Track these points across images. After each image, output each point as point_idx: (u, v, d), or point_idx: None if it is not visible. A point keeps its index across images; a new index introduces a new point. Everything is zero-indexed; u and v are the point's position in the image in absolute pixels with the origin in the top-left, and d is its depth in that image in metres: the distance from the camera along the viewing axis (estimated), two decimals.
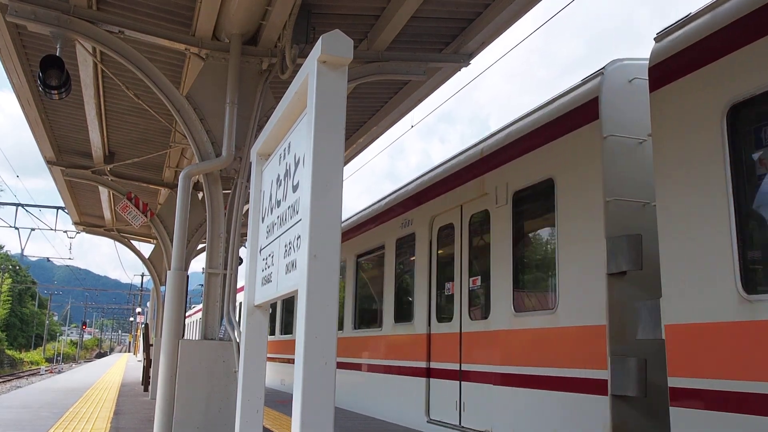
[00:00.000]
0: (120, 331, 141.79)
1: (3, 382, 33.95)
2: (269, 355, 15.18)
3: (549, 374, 6.15)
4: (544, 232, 6.90)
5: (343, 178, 2.45)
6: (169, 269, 7.12)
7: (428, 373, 8.49)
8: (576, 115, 6.22)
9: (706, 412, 4.22)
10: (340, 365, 9.78)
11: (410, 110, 9.81)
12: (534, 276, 6.98)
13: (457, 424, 7.61)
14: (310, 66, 2.48)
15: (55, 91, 6.90)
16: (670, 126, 4.80)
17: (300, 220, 2.64)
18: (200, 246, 12.94)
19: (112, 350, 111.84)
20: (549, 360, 6.17)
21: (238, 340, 6.30)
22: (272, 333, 17.04)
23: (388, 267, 10.14)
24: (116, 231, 17.95)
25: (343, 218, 10.61)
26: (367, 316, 11.36)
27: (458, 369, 7.79)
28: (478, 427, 7.17)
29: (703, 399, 4.26)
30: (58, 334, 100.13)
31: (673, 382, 4.48)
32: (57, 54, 6.64)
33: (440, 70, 8.21)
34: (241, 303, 3.67)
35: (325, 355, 2.26)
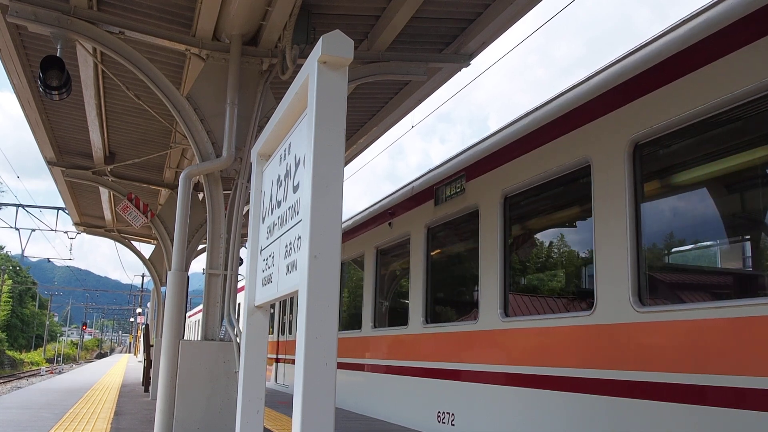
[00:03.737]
0: (120, 331, 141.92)
1: (3, 382, 33.98)
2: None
3: None
4: None
5: (344, 179, 2.45)
6: (170, 270, 7.12)
7: None
8: None
9: None
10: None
11: (411, 110, 9.81)
12: None
13: None
14: (311, 66, 2.48)
15: (56, 92, 6.90)
16: None
17: (300, 220, 2.64)
18: (201, 246, 12.94)
19: (112, 351, 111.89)
20: None
21: (238, 341, 6.29)
22: None
23: None
24: (117, 232, 17.95)
25: None
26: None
27: None
28: None
29: None
30: (58, 335, 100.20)
31: None
32: (57, 54, 6.64)
33: (440, 70, 8.20)
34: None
35: (326, 355, 2.26)
